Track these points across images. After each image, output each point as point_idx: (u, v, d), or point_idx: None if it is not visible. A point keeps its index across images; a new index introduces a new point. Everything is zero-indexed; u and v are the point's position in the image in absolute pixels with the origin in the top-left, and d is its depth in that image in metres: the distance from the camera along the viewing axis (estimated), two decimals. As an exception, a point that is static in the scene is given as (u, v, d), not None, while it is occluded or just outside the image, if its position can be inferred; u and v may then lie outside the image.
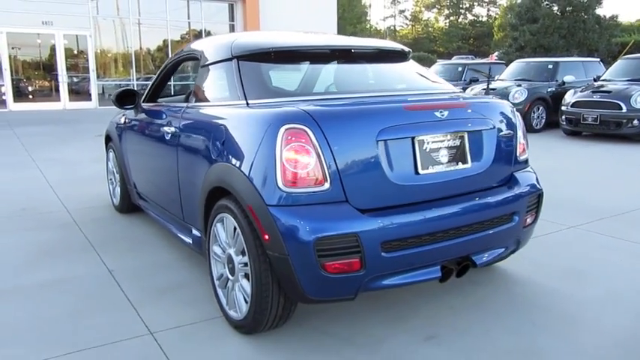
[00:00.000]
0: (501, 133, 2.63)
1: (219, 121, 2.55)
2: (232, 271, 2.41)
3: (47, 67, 17.76)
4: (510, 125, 2.70)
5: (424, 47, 47.51)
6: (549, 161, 7.12)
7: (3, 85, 16.56)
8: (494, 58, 18.36)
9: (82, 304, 2.80)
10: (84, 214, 4.55)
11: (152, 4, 18.69)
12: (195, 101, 2.98)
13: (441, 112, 2.39)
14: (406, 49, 3.23)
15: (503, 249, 2.64)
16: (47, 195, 5.27)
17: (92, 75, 17.57)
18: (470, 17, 58.43)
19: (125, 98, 3.71)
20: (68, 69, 17.16)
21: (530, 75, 11.00)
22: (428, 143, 2.34)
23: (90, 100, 17.53)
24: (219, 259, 2.53)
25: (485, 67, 13.64)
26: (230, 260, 2.42)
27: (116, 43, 18.69)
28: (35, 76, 17.88)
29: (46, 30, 16.95)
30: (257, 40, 2.86)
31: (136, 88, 4.17)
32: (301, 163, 2.10)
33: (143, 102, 3.82)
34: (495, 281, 3.05)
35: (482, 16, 58.41)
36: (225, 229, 2.44)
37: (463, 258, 2.42)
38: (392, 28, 61.50)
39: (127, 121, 4.03)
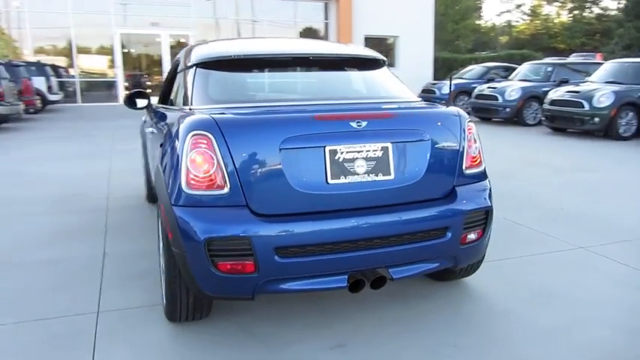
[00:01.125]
0: (438, 145, 2.55)
1: (164, 125, 2.76)
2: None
3: (155, 65, 19.39)
4: (453, 137, 2.61)
5: (542, 43, 44.54)
6: (612, 173, 6.52)
7: (116, 81, 18.38)
8: (600, 57, 16.83)
9: (62, 280, 3.17)
10: (118, 202, 5.04)
11: (249, 5, 19.60)
12: (170, 104, 3.22)
13: (358, 122, 2.39)
14: (378, 56, 3.21)
15: (434, 264, 2.57)
16: (101, 183, 5.89)
17: (194, 72, 18.84)
18: (597, 11, 53.70)
19: (137, 99, 4.06)
20: (173, 66, 18.61)
21: (625, 77, 10.00)
22: (342, 153, 2.35)
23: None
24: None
25: (584, 66, 12.63)
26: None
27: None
28: (146, 72, 19.61)
29: (154, 31, 18.47)
30: (218, 49, 3.02)
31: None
32: (203, 167, 2.24)
33: (158, 103, 4.16)
34: (449, 296, 2.96)
35: (611, 10, 53.39)
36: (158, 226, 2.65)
37: (376, 270, 2.40)
38: (507, 23, 58.39)
39: (145, 120, 4.42)
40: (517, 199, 5.14)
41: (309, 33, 20.91)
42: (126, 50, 18.90)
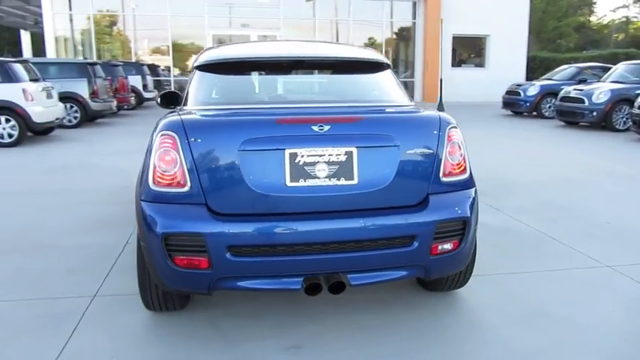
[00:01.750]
0: (410, 151, 2.47)
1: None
2: None
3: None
4: (429, 143, 2.51)
5: (665, 41, 40.46)
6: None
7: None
8: None
9: (80, 264, 3.46)
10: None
11: (333, 5, 19.78)
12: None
13: (320, 126, 2.39)
14: (379, 59, 3.15)
15: (402, 273, 2.50)
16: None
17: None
18: None
19: (169, 100, 4.28)
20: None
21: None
22: (302, 157, 2.37)
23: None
24: None
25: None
26: None
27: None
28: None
29: (244, 31, 19.25)
30: (219, 52, 3.13)
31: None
32: (167, 165, 2.36)
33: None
34: (434, 306, 2.85)
35: None
36: None
37: (334, 275, 2.39)
38: (625, 19, 53.81)
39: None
40: (563, 210, 4.79)
41: (397, 33, 20.71)
42: (218, 51, 19.89)
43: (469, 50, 21.34)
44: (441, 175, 2.54)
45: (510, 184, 5.87)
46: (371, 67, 3.15)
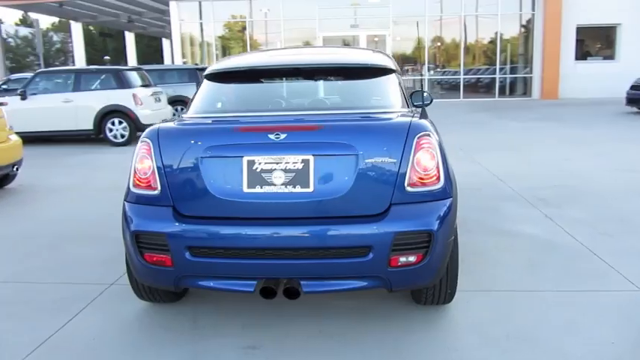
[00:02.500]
0: (371, 160, 2.43)
1: None
2: None
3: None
4: (393, 151, 2.44)
5: None
6: None
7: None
8: None
9: (115, 255, 3.81)
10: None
11: (445, 1, 19.20)
12: None
13: (276, 134, 2.44)
14: (381, 64, 3.09)
15: (360, 283, 2.46)
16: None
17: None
18: None
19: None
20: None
21: None
22: (259, 164, 2.44)
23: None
24: None
25: None
26: None
27: (409, 40, 20.04)
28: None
29: (353, 32, 19.45)
30: (225, 63, 3.29)
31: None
32: (142, 170, 2.59)
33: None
34: (409, 320, 2.76)
35: None
36: None
37: (287, 281, 2.43)
38: None
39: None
40: (627, 224, 4.26)
41: (513, 26, 19.52)
42: (328, 52, 20.34)
43: (596, 41, 19.39)
44: (406, 184, 2.45)
45: (583, 192, 5.33)
46: (372, 72, 3.11)
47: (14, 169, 5.86)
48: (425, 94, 4.12)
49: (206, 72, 3.19)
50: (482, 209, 4.80)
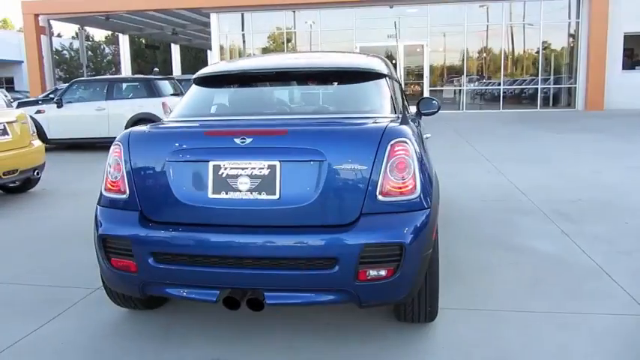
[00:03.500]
0: (340, 167, 2.30)
1: None
2: None
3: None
4: (364, 159, 2.31)
5: None
6: None
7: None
8: None
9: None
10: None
11: (486, 11, 18.82)
12: None
13: (242, 138, 2.36)
14: (367, 68, 2.97)
15: (327, 297, 2.33)
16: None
17: (426, 81, 19.15)
18: None
19: None
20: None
21: None
22: (225, 169, 2.36)
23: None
24: None
25: None
26: None
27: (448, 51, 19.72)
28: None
29: (390, 42, 19.30)
30: (208, 68, 3.25)
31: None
32: (113, 173, 2.56)
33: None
34: (382, 338, 2.60)
35: None
36: None
37: (250, 291, 2.33)
38: None
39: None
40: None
41: (555, 35, 18.88)
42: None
43: (645, 50, 18.49)
44: (377, 193, 2.31)
45: (608, 207, 4.99)
46: (359, 76, 3.00)
47: (35, 173, 6.02)
48: (434, 101, 4.00)
49: (194, 76, 3.16)
50: (496, 223, 4.57)
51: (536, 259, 3.67)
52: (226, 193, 2.36)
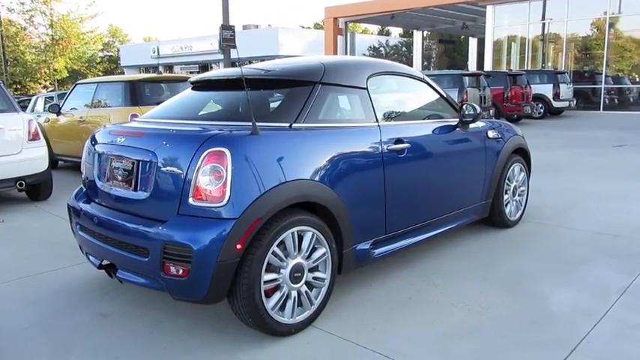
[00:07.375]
0: (164, 169, 2.56)
1: None
2: None
3: None
4: (180, 164, 2.51)
5: None
6: None
7: None
8: None
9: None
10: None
11: None
12: None
13: (120, 138, 2.83)
14: (300, 78, 2.99)
15: (145, 281, 2.60)
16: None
17: None
18: None
19: None
20: None
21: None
22: (112, 161, 2.88)
23: None
24: None
25: None
26: None
27: None
28: None
29: None
30: (205, 73, 3.69)
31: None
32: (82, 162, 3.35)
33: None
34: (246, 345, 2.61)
35: None
36: None
37: (109, 264, 2.79)
38: None
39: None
40: None
41: None
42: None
43: None
44: (189, 197, 2.47)
45: None
46: (284, 84, 3.04)
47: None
48: (473, 106, 3.78)
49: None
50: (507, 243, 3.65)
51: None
52: (107, 181, 2.92)
